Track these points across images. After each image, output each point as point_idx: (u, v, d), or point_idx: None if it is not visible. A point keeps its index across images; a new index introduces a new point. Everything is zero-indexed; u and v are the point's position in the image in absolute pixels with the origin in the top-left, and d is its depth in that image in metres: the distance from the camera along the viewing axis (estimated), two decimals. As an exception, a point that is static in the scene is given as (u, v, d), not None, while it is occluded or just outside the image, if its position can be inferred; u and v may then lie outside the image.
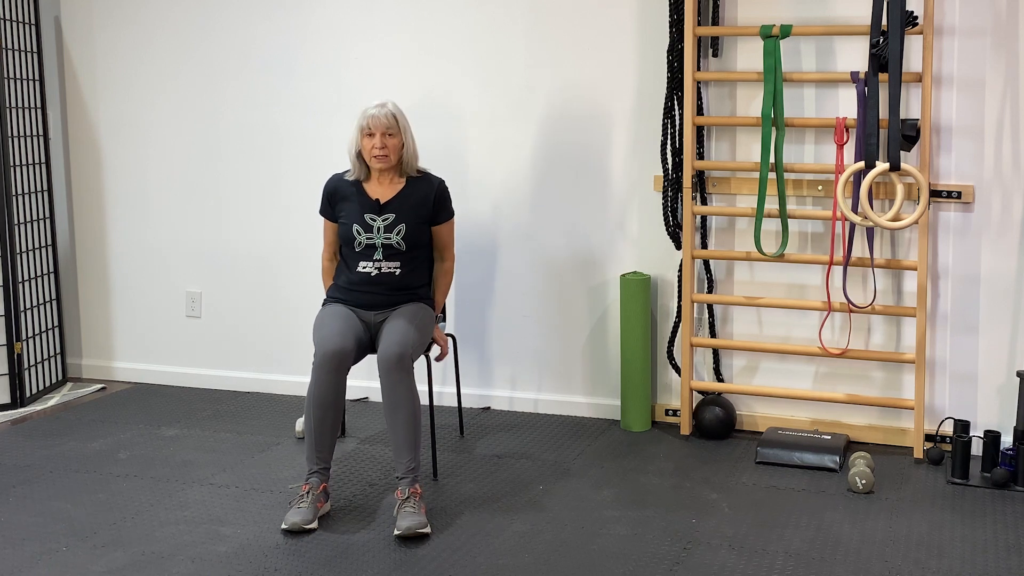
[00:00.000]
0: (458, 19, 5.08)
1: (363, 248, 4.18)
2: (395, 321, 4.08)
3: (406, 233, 4.17)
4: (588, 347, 5.09)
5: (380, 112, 4.14)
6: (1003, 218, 4.47)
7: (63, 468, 4.48)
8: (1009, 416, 4.47)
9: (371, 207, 4.19)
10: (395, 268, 4.18)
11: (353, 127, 4.19)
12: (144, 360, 5.73)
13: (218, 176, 5.51)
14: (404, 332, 4.01)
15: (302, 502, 3.88)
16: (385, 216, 4.18)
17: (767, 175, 4.57)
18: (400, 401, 3.89)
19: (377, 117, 4.13)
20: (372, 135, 4.13)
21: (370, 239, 4.17)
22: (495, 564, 3.60)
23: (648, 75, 4.84)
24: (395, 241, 4.16)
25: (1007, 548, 3.70)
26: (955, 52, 4.43)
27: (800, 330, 4.78)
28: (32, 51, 5.47)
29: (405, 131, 4.19)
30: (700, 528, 3.87)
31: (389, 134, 4.14)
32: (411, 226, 4.18)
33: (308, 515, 3.83)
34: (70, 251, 5.78)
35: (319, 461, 3.95)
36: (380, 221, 4.17)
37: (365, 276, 4.18)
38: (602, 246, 5.01)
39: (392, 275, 4.18)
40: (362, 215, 4.18)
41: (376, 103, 4.17)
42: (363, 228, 4.17)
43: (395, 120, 4.15)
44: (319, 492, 3.91)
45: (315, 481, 3.93)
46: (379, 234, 4.16)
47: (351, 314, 4.15)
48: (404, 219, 4.18)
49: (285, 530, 3.81)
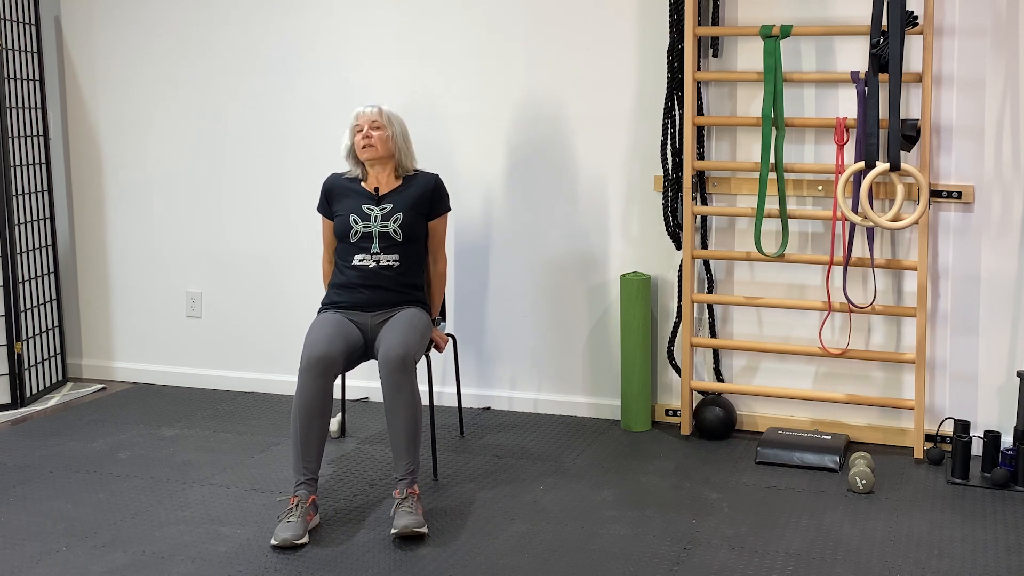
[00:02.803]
0: (458, 19, 5.08)
1: (359, 238, 4.18)
2: (395, 324, 4.07)
3: (403, 222, 4.19)
4: (588, 347, 5.09)
5: (367, 108, 4.29)
6: (1003, 218, 4.47)
7: (63, 468, 4.48)
8: (1009, 416, 4.47)
9: (369, 198, 4.24)
10: (393, 261, 4.18)
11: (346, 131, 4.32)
12: (144, 360, 5.73)
13: (218, 176, 5.52)
14: (405, 334, 4.00)
15: (291, 516, 3.77)
16: (383, 206, 4.22)
17: (767, 175, 4.57)
18: (402, 404, 3.87)
19: (364, 112, 4.28)
20: (361, 129, 4.25)
21: (367, 228, 4.18)
22: (495, 564, 3.60)
23: (648, 75, 4.84)
24: (392, 229, 4.17)
25: (1007, 548, 3.70)
26: (955, 52, 4.43)
27: (800, 330, 4.78)
28: (32, 51, 5.47)
29: (392, 125, 4.28)
30: (700, 528, 3.87)
31: (375, 127, 4.24)
32: (408, 216, 4.21)
33: (299, 530, 3.74)
34: (70, 251, 5.78)
35: (306, 472, 3.86)
36: (378, 210, 4.20)
37: (362, 270, 4.17)
38: (602, 246, 5.01)
39: (390, 269, 4.18)
40: (360, 205, 4.22)
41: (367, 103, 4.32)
42: (360, 217, 4.19)
43: (381, 113, 4.27)
44: (308, 505, 3.81)
45: (303, 493, 3.83)
46: (376, 223, 4.18)
47: (345, 321, 4.11)
48: (401, 208, 4.21)
49: (275, 546, 3.71)
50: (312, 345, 3.95)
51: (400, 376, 3.87)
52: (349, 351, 4.05)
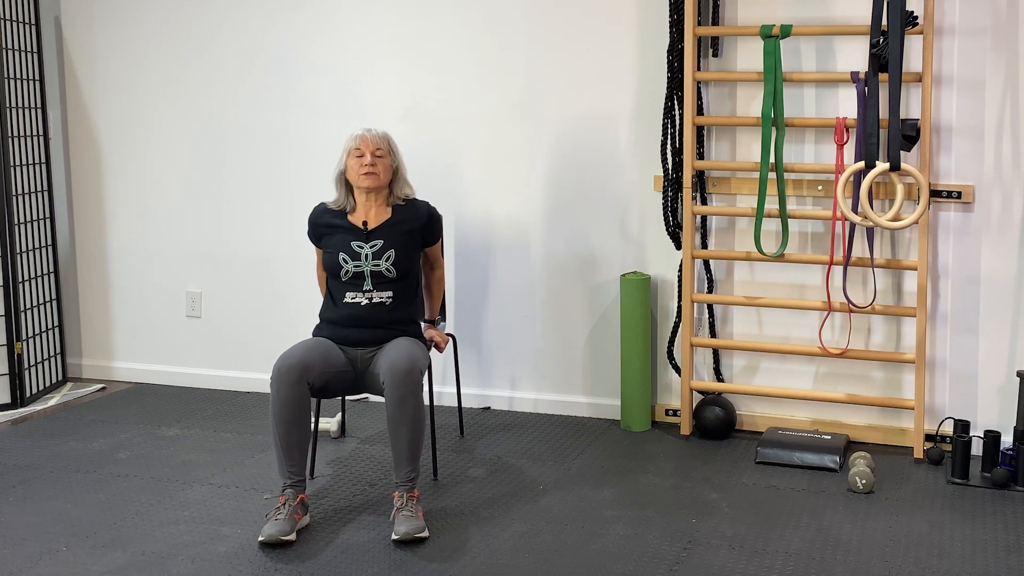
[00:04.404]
0: (459, 20, 5.08)
1: (351, 277, 4.07)
2: (396, 344, 3.98)
3: (396, 259, 4.07)
4: (588, 347, 5.09)
5: (369, 133, 4.11)
6: (1003, 218, 4.47)
7: (63, 468, 4.48)
8: (1009, 416, 4.47)
9: (358, 233, 4.10)
10: (386, 298, 4.07)
11: (340, 152, 4.16)
12: (144, 360, 5.73)
13: (218, 176, 5.52)
14: (410, 349, 3.93)
15: (279, 514, 3.77)
16: (373, 243, 4.07)
17: (767, 175, 4.57)
18: (406, 417, 3.80)
19: (366, 137, 4.10)
20: (361, 155, 4.08)
21: (358, 267, 4.06)
22: (495, 564, 3.60)
23: (648, 75, 4.84)
24: (384, 268, 4.06)
25: (1007, 548, 3.70)
26: (955, 52, 4.43)
27: (800, 330, 4.78)
28: (32, 51, 5.47)
29: (395, 154, 4.14)
30: (700, 528, 3.87)
31: (379, 154, 4.08)
32: (400, 252, 4.08)
33: (285, 527, 3.73)
34: (70, 251, 5.78)
35: (291, 475, 3.85)
36: (368, 248, 4.07)
37: (354, 308, 4.06)
38: (602, 246, 5.01)
39: (383, 306, 4.06)
40: (348, 243, 4.08)
41: (365, 127, 4.16)
42: (350, 256, 4.07)
43: (386, 141, 4.12)
44: (296, 504, 3.81)
45: (291, 493, 3.82)
46: (367, 261, 4.06)
47: (332, 345, 4.04)
48: (393, 244, 4.08)
49: (262, 542, 3.71)
50: (285, 356, 3.90)
51: (408, 387, 3.80)
52: (327, 368, 3.96)
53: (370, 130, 4.13)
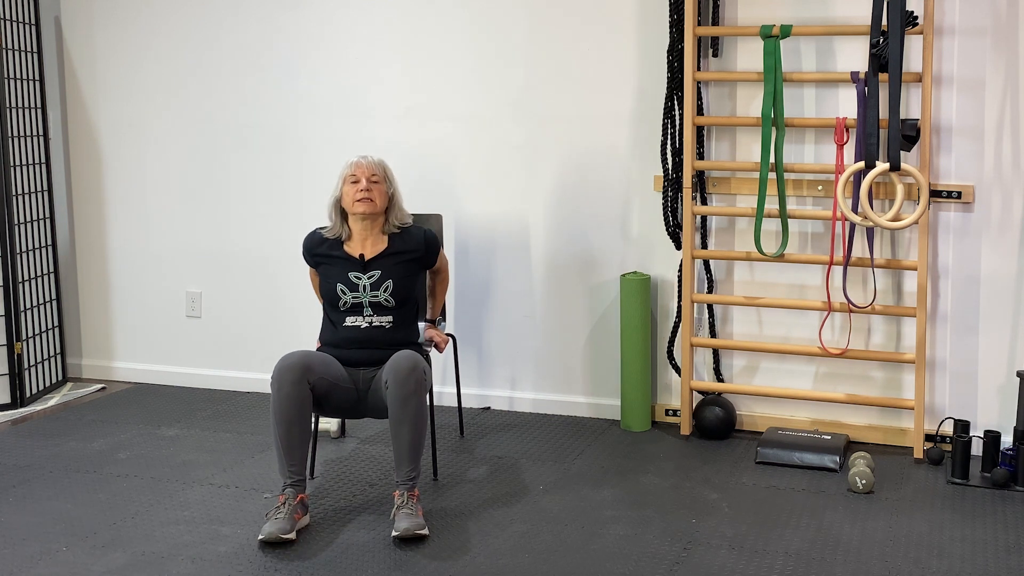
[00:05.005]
0: (458, 19, 5.08)
1: (349, 307, 4.07)
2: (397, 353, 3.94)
3: (394, 289, 4.06)
4: (588, 347, 5.09)
5: (365, 160, 4.11)
6: (1003, 218, 4.47)
7: (63, 468, 4.48)
8: (1009, 416, 4.47)
9: (355, 265, 4.08)
10: (386, 322, 4.07)
11: (336, 180, 4.14)
12: (144, 360, 5.73)
13: (218, 176, 5.52)
14: (412, 353, 3.91)
15: (279, 513, 3.77)
16: (371, 274, 4.07)
17: (767, 175, 4.57)
18: (408, 417, 3.80)
19: (361, 164, 4.09)
20: (357, 181, 4.06)
21: (356, 298, 4.06)
22: (495, 564, 3.60)
23: (648, 75, 4.84)
24: (383, 299, 4.05)
25: (1007, 548, 3.70)
26: (955, 52, 4.43)
27: (800, 330, 4.78)
28: (32, 51, 5.47)
29: (390, 181, 4.13)
30: (700, 528, 3.87)
31: (374, 180, 4.07)
32: (398, 282, 4.08)
33: (285, 526, 3.73)
34: (70, 251, 5.78)
35: (291, 475, 3.85)
36: (366, 279, 4.06)
37: (354, 331, 4.06)
38: (602, 246, 5.01)
39: (383, 328, 4.07)
40: (346, 273, 4.07)
41: (360, 155, 4.14)
42: (348, 287, 4.06)
43: (382, 168, 4.11)
44: (296, 503, 3.81)
45: (291, 492, 3.82)
46: (366, 292, 4.05)
47: (335, 361, 4.02)
48: (391, 275, 4.07)
49: (262, 541, 3.72)
50: (286, 356, 3.90)
51: (408, 388, 3.80)
52: (327, 373, 3.94)
53: (366, 157, 4.13)
